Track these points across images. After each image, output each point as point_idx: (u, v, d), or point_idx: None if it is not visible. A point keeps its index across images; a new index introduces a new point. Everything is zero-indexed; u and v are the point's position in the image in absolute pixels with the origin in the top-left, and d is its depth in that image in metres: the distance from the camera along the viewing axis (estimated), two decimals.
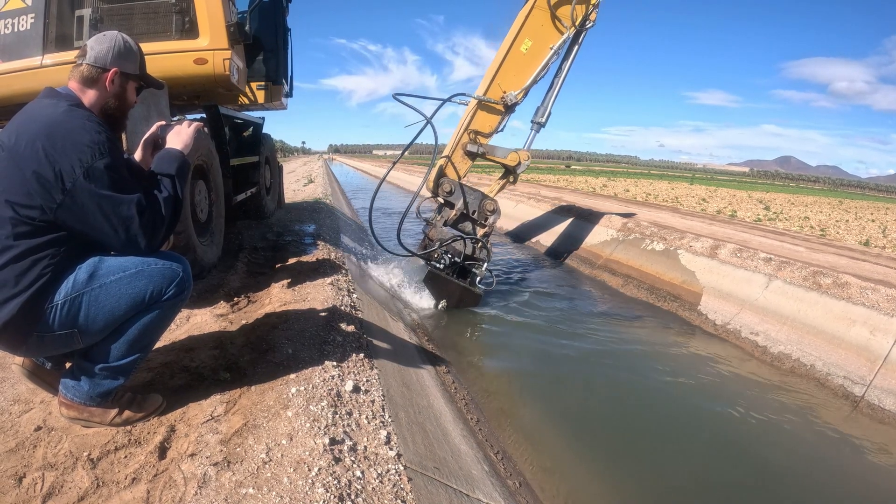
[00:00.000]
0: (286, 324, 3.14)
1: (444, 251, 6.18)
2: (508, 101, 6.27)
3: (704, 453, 3.74)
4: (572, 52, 6.47)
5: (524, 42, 6.19)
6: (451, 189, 6.23)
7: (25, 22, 3.68)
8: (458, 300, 6.29)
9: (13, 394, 2.29)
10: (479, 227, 6.42)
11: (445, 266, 6.22)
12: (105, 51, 1.88)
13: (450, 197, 6.25)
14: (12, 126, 1.76)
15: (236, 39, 3.94)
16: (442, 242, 6.16)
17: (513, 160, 6.19)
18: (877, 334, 4.99)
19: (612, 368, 5.10)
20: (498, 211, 6.36)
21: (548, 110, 6.59)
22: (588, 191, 19.78)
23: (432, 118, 5.81)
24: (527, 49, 6.21)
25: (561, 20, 6.16)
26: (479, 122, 6.38)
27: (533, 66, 6.28)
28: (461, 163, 6.48)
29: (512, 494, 2.82)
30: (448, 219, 6.31)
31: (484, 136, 6.41)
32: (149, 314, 1.89)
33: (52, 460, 1.82)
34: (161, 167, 1.96)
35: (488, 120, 6.42)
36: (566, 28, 6.19)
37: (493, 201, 6.35)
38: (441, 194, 6.25)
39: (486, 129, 6.42)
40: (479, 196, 6.35)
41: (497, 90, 6.28)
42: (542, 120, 6.61)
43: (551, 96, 6.59)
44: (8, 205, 1.66)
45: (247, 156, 6.18)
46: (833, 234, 11.02)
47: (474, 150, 6.36)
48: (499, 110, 6.39)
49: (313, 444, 1.91)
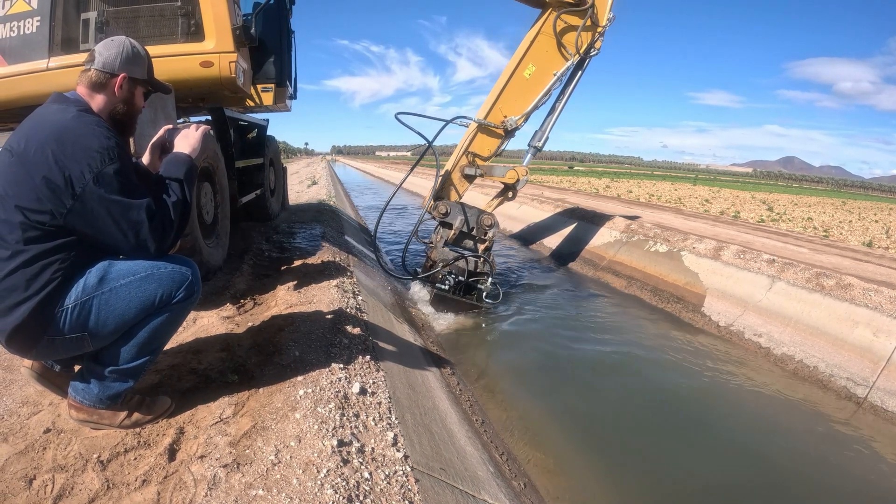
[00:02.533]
0: (292, 326, 3.16)
1: (448, 271, 6.22)
2: (508, 126, 6.28)
3: (708, 454, 3.74)
4: (575, 78, 6.49)
5: (528, 67, 6.19)
6: (447, 210, 6.27)
7: (31, 25, 3.69)
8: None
9: (22, 396, 2.31)
10: (479, 242, 6.45)
11: (450, 286, 6.25)
12: (113, 56, 1.90)
13: (446, 218, 6.29)
14: (22, 131, 1.77)
15: (242, 42, 3.95)
16: (445, 263, 6.19)
17: (511, 178, 6.25)
18: (880, 336, 4.98)
19: (616, 370, 5.11)
20: (496, 224, 6.39)
21: (545, 135, 6.61)
22: (591, 192, 19.78)
23: (434, 140, 5.86)
24: (530, 74, 6.21)
25: (566, 47, 6.15)
26: (479, 146, 6.41)
27: (535, 91, 6.28)
28: (459, 184, 6.52)
29: (517, 495, 2.83)
30: (448, 239, 6.34)
31: (482, 159, 6.44)
32: (158, 317, 1.90)
33: (62, 462, 1.83)
34: (169, 171, 1.97)
35: (487, 143, 6.44)
36: (570, 55, 6.18)
37: (491, 216, 6.39)
38: (437, 216, 6.30)
39: (485, 152, 6.44)
40: (476, 212, 6.39)
41: (498, 114, 6.29)
42: (539, 144, 6.64)
43: (550, 121, 6.61)
44: (18, 210, 1.67)
45: (251, 158, 6.21)
46: (836, 234, 11.01)
47: (472, 172, 6.43)
48: (499, 134, 6.41)
49: (322, 446, 1.92)
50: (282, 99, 6.24)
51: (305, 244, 5.95)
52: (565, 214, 11.83)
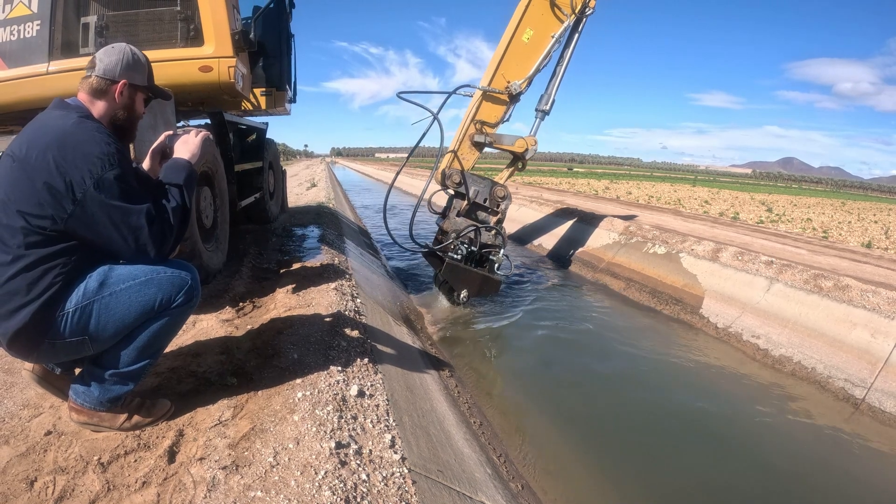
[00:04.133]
0: (291, 329, 3.18)
1: (461, 241, 6.22)
2: (513, 91, 6.30)
3: (706, 456, 3.76)
4: (573, 40, 6.52)
5: (525, 32, 6.23)
6: (461, 180, 6.27)
7: (31, 29, 3.71)
8: (478, 289, 6.33)
9: (23, 399, 2.32)
10: (492, 214, 6.45)
11: (463, 256, 6.26)
12: (114, 63, 1.92)
13: (459, 188, 6.29)
14: (23, 137, 1.79)
15: (241, 47, 3.97)
16: (458, 233, 6.20)
17: (521, 147, 6.33)
18: (878, 337, 5.00)
19: (614, 372, 5.12)
20: (509, 196, 6.40)
21: (552, 98, 6.63)
22: (591, 193, 19.80)
23: (439, 113, 5.84)
24: (528, 39, 6.25)
25: (560, 8, 6.20)
26: (485, 113, 6.42)
27: (535, 55, 6.31)
28: (469, 154, 6.50)
29: (514, 497, 2.85)
30: (460, 209, 6.35)
31: (490, 126, 6.45)
32: (158, 321, 1.92)
33: (63, 464, 1.85)
34: (169, 177, 1.99)
35: (494, 110, 6.45)
36: (566, 16, 6.23)
37: (504, 187, 6.40)
38: (451, 185, 6.29)
39: (492, 119, 6.45)
40: (489, 184, 6.39)
41: (501, 80, 6.32)
42: (547, 108, 6.65)
43: (554, 84, 6.63)
44: (19, 215, 1.69)
45: (251, 161, 6.23)
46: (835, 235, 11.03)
47: (482, 139, 6.40)
48: (503, 100, 6.42)
49: (319, 448, 1.94)
50: (281, 103, 6.27)
51: (304, 247, 5.97)
52: (564, 216, 11.86)
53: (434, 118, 5.81)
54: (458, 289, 6.29)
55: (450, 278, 6.28)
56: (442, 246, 6.26)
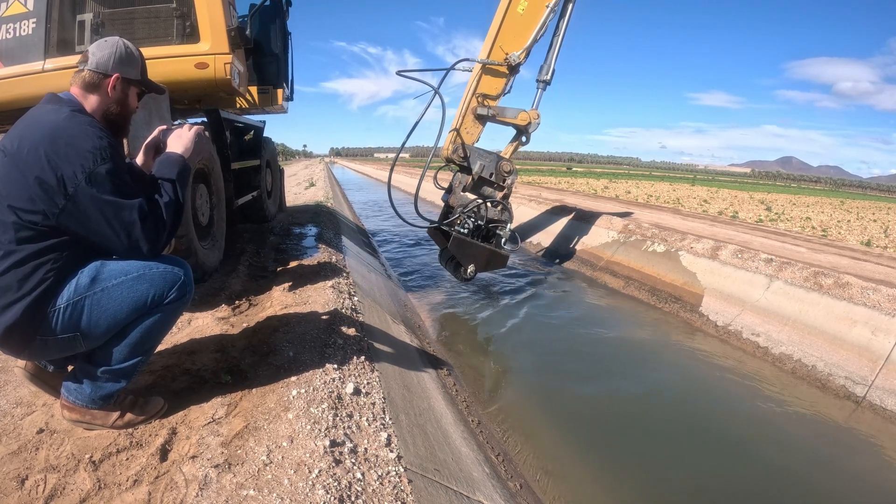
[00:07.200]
0: (287, 327, 3.16)
1: (467, 216, 6.20)
2: (512, 62, 6.27)
3: (706, 455, 3.74)
4: (568, 9, 6.52)
5: (520, 3, 6.21)
6: (467, 154, 6.23)
7: (27, 27, 3.69)
8: (485, 263, 6.30)
9: (15, 396, 2.31)
10: (498, 189, 6.43)
11: (469, 231, 6.23)
12: (107, 57, 1.90)
13: (465, 162, 6.26)
14: (15, 132, 1.77)
15: (237, 44, 3.95)
16: (464, 207, 6.18)
17: (523, 119, 6.32)
18: (878, 334, 4.98)
19: (614, 370, 5.11)
20: (515, 171, 6.39)
21: (551, 67, 6.61)
22: (590, 193, 19.78)
23: (439, 87, 5.80)
24: (523, 10, 6.23)
25: None
26: (486, 86, 6.38)
27: (532, 25, 6.28)
28: (472, 128, 6.45)
29: (513, 496, 2.83)
30: (466, 184, 6.32)
31: (491, 98, 6.42)
32: (151, 318, 1.90)
33: (55, 462, 1.83)
34: (162, 172, 1.97)
35: (494, 83, 6.42)
36: None
37: (510, 162, 6.38)
38: (457, 160, 6.25)
39: (493, 91, 6.42)
40: (495, 158, 6.36)
41: (499, 52, 6.28)
42: (548, 77, 6.64)
43: (553, 54, 6.62)
44: (11, 210, 1.67)
45: (248, 159, 6.20)
46: (835, 234, 11.02)
47: (484, 112, 6.35)
48: (503, 72, 6.38)
49: (314, 446, 1.92)
50: (278, 101, 6.24)
51: (302, 245, 5.95)
52: (563, 215, 11.84)
53: (435, 92, 5.78)
54: (466, 263, 6.26)
55: (457, 253, 6.24)
56: (448, 221, 6.23)
